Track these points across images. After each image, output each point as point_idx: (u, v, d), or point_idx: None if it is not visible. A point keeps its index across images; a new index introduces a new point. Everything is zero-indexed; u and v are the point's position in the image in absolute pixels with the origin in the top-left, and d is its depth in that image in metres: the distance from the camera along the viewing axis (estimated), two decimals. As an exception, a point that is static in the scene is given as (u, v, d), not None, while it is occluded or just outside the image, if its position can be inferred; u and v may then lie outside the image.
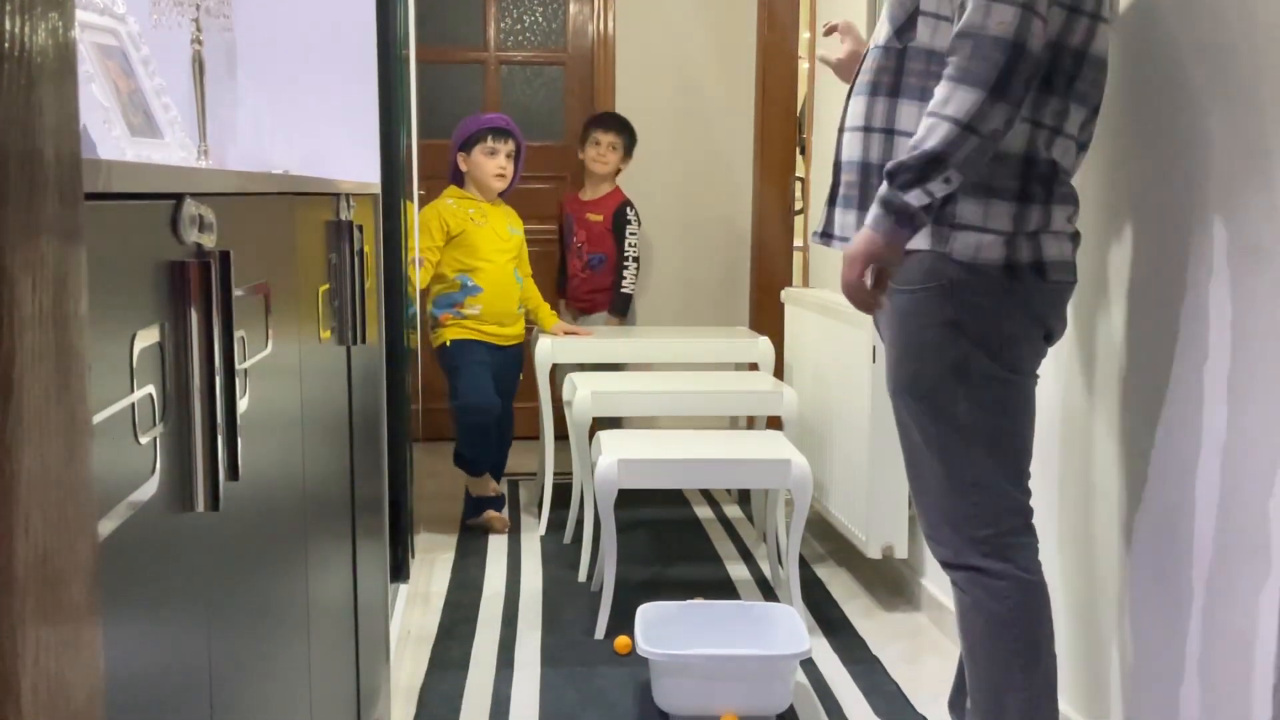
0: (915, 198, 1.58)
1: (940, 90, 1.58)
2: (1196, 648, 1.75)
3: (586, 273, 4.16)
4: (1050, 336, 1.77)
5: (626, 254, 4.15)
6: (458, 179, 3.79)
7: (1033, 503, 1.81)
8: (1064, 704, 2.12)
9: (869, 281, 1.64)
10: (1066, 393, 2.14)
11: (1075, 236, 1.76)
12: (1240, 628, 1.64)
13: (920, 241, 1.70)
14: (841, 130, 1.82)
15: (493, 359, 3.73)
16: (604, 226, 4.15)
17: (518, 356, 3.85)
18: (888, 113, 1.73)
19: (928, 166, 1.57)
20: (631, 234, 4.16)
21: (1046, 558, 2.11)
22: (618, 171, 4.20)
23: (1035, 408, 1.79)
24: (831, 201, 1.86)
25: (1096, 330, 2.04)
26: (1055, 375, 2.16)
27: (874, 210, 1.63)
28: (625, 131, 4.15)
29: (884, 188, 1.61)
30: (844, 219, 1.82)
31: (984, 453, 1.74)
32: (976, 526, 1.75)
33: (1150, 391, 1.88)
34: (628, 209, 4.18)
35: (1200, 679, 1.74)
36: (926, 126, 1.58)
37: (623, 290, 4.16)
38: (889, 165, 1.61)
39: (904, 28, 1.72)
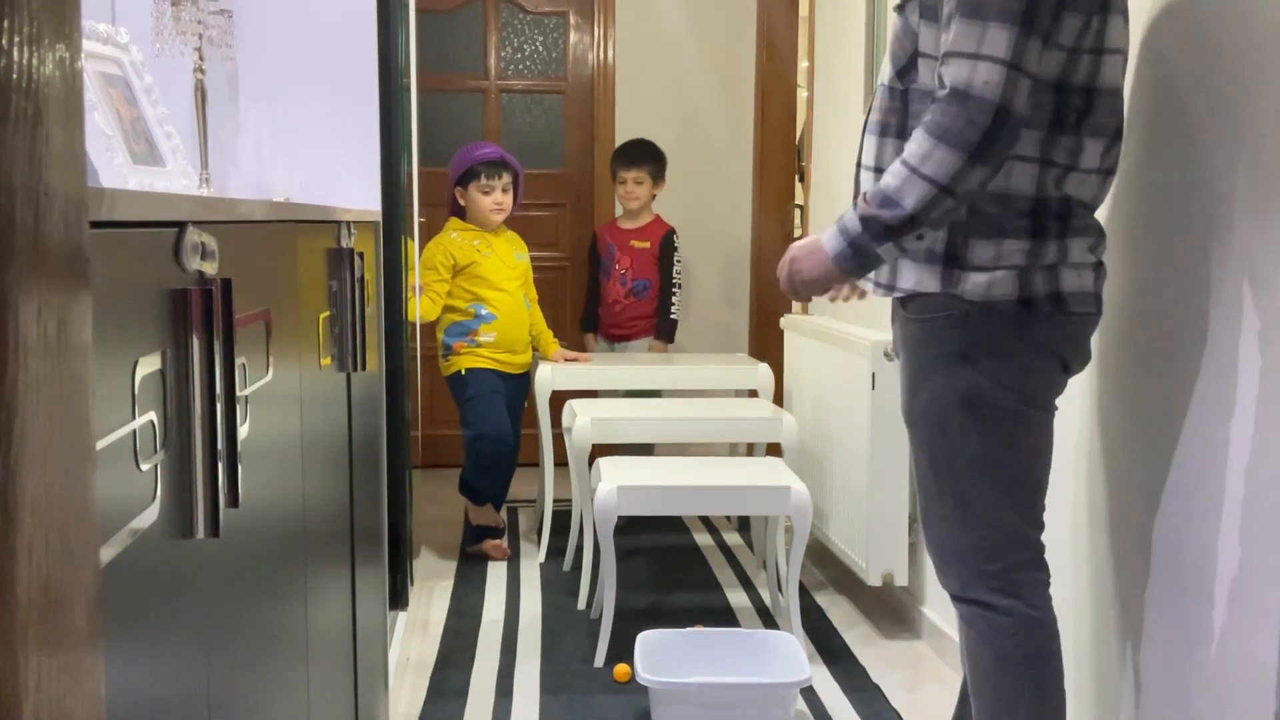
0: (886, 251, 1.63)
1: (918, 141, 1.57)
2: (1213, 682, 1.74)
3: (630, 299, 4.17)
4: (1069, 369, 1.74)
5: (675, 280, 4.19)
6: (458, 211, 3.80)
7: (1049, 534, 1.79)
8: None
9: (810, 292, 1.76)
10: (1081, 422, 2.14)
11: (1098, 267, 1.72)
12: (1257, 660, 1.64)
13: (931, 284, 1.69)
14: (859, 166, 1.83)
15: (504, 387, 3.74)
16: (651, 253, 4.17)
17: (525, 384, 3.86)
18: (896, 155, 1.73)
19: (904, 225, 1.59)
20: (678, 260, 4.21)
21: (1063, 590, 2.10)
22: (652, 198, 4.24)
23: (1052, 441, 1.76)
24: None
25: (1109, 359, 2.04)
26: (1070, 405, 2.16)
27: (840, 245, 1.64)
28: (650, 160, 4.17)
29: (856, 227, 1.62)
30: None
31: (994, 486, 1.71)
32: (985, 560, 1.73)
33: (1156, 419, 1.88)
34: (674, 236, 4.22)
35: (1210, 711, 1.74)
36: (901, 178, 1.58)
37: (671, 316, 4.20)
38: (861, 209, 1.62)
39: (905, 69, 1.71)
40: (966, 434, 1.70)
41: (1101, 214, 1.98)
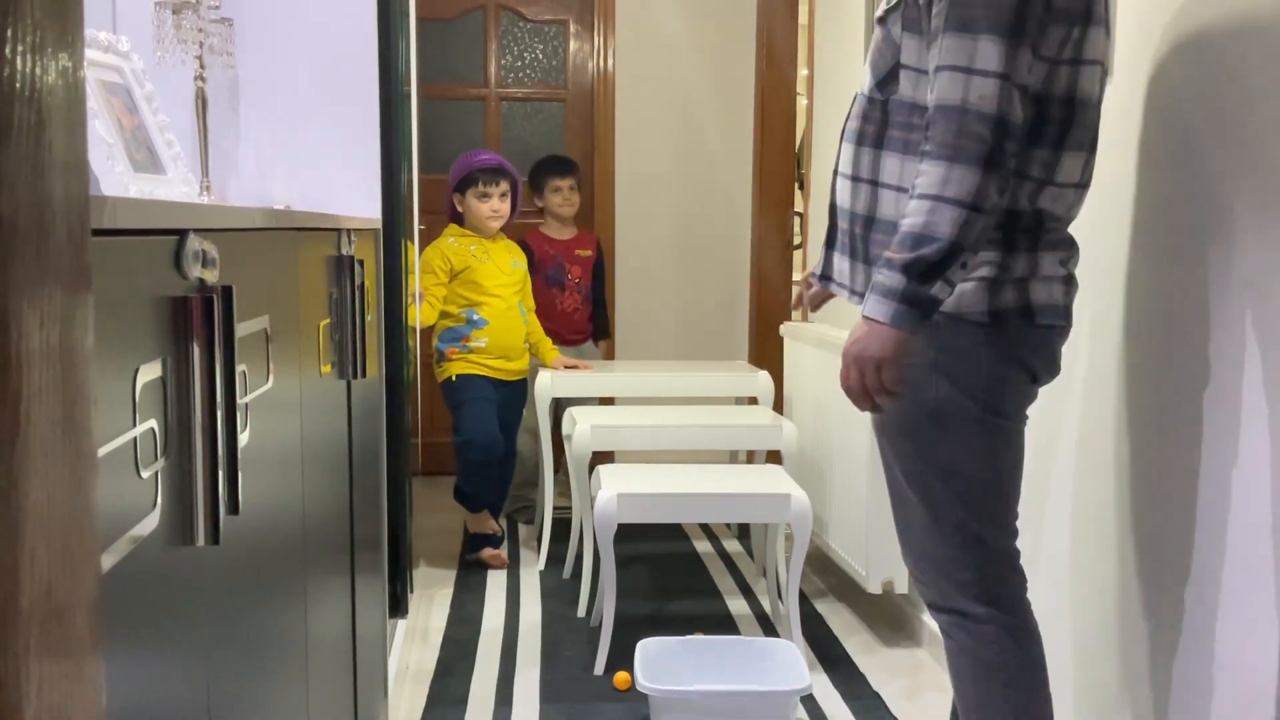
0: (940, 290, 1.54)
1: (932, 169, 1.53)
2: (1212, 688, 1.74)
3: (584, 306, 4.32)
4: (1037, 380, 1.73)
5: (605, 282, 4.46)
6: (457, 218, 3.82)
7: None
8: (1065, 740, 2.11)
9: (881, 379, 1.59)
10: (1077, 428, 2.15)
11: (1069, 280, 1.71)
12: (1247, 662, 1.64)
13: None
14: (835, 173, 1.83)
15: (497, 394, 3.74)
16: (591, 260, 4.35)
17: (521, 392, 3.86)
18: (872, 164, 1.73)
19: (948, 256, 1.52)
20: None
21: (1059, 595, 2.09)
22: None
23: (1023, 450, 1.76)
24: (829, 244, 1.86)
25: (1098, 363, 2.04)
26: (1066, 411, 2.16)
27: (890, 308, 1.54)
28: (576, 168, 4.32)
29: (899, 281, 1.53)
30: (840, 264, 1.82)
31: (966, 496, 1.71)
32: (960, 569, 1.73)
33: (1155, 426, 1.88)
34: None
35: (1211, 715, 1.74)
36: (927, 210, 1.52)
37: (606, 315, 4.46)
38: (899, 259, 1.53)
39: (886, 80, 1.70)
40: (937, 444, 1.70)
41: (1108, 230, 1.99)
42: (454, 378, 3.72)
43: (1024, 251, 1.65)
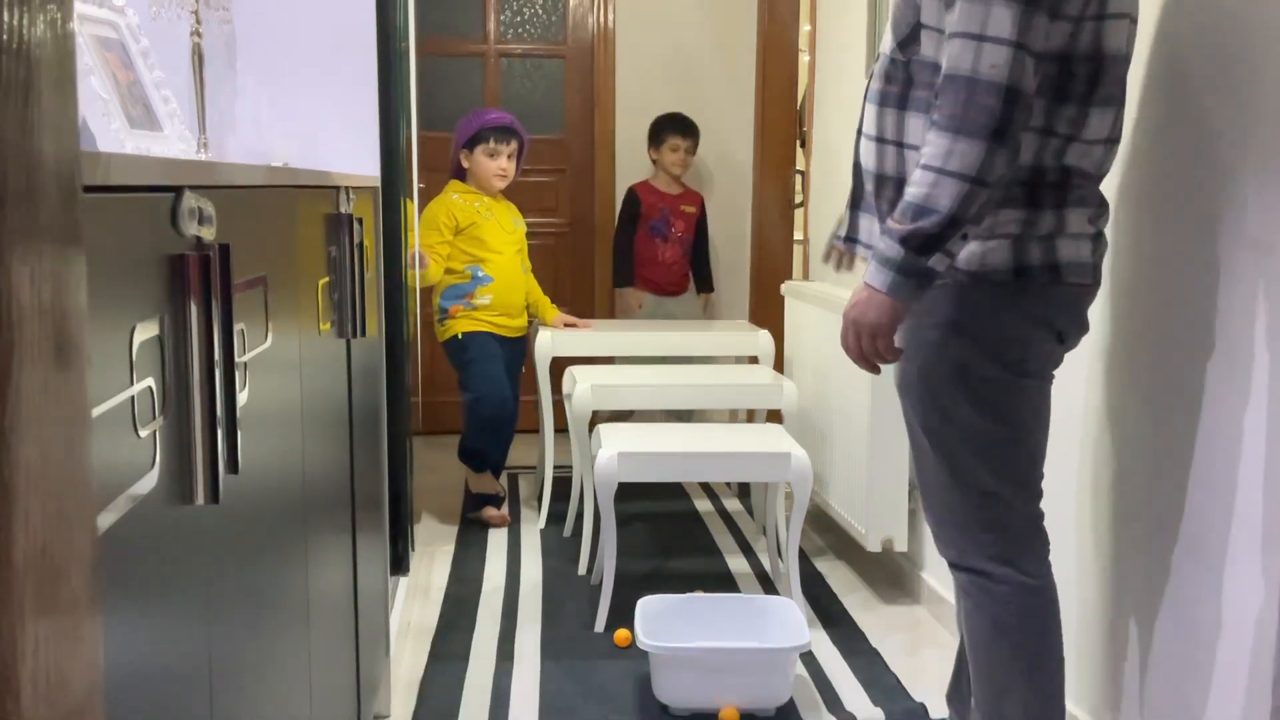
0: (937, 261, 1.54)
1: (937, 140, 1.51)
2: (1216, 650, 1.74)
3: (683, 258, 4.52)
4: (1064, 340, 1.72)
5: (711, 239, 4.65)
6: (460, 174, 3.80)
7: (1049, 502, 1.79)
8: (1075, 705, 2.12)
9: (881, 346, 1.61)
10: (1085, 393, 2.14)
11: (1097, 238, 1.69)
12: (1260, 627, 1.64)
13: None
14: (859, 134, 1.81)
15: (502, 351, 3.74)
16: (695, 216, 4.53)
17: (521, 349, 3.86)
18: (897, 125, 1.71)
19: (946, 229, 1.51)
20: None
21: (1066, 560, 2.10)
22: None
23: (1049, 410, 1.75)
24: (854, 205, 1.84)
25: (1108, 329, 2.03)
26: (1075, 376, 2.15)
27: (888, 277, 1.55)
28: (696, 131, 4.48)
29: (897, 251, 1.53)
30: (867, 226, 1.80)
31: (989, 456, 1.70)
32: (981, 529, 1.73)
33: (1159, 389, 1.88)
34: None
35: (1212, 678, 1.74)
36: (929, 183, 1.51)
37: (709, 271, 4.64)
38: (899, 230, 1.54)
39: (907, 40, 1.68)
40: (959, 404, 1.70)
41: (1112, 190, 1.98)
42: (459, 335, 3.71)
43: (1050, 209, 1.63)
